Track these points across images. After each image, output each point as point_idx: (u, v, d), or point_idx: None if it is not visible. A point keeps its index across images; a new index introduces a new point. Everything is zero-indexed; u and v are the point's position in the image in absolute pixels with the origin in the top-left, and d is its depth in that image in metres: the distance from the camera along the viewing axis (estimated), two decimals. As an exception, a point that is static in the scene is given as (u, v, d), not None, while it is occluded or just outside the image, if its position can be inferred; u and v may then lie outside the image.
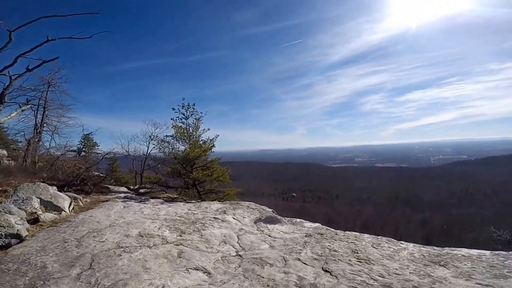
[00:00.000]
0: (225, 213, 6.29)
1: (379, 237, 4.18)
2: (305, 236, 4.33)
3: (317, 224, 5.22)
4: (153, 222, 5.33)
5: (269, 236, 4.56)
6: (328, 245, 3.67)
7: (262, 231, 4.91)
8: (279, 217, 6.10)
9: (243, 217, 6.01)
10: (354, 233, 4.47)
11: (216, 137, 10.59)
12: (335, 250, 3.45)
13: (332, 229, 4.76)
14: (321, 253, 3.43)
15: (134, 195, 9.63)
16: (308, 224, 5.30)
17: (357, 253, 3.32)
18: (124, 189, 11.73)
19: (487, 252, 3.11)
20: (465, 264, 2.79)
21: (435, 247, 3.44)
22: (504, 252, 3.07)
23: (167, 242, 4.20)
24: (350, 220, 49.73)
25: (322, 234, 4.34)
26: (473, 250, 3.20)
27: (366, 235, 4.35)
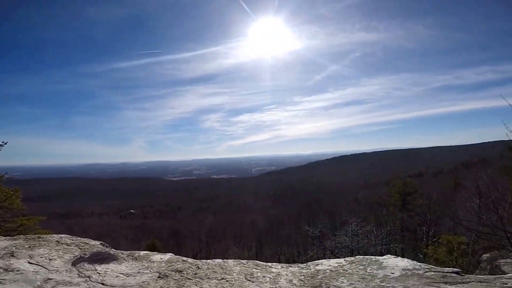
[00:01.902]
0: (12, 255, 3.74)
1: (244, 261, 3.67)
2: (159, 277, 3.11)
3: (169, 256, 4.03)
4: None
5: (102, 284, 2.90)
6: (195, 291, 2.72)
7: (89, 277, 3.09)
8: (113, 251, 4.28)
9: (50, 259, 3.74)
10: (216, 261, 3.73)
11: (3, 145, 7.04)
12: (207, 298, 2.56)
13: (190, 260, 3.79)
14: (190, 307, 2.41)
15: None
16: (157, 257, 3.96)
17: (235, 295, 2.59)
18: None
19: (342, 260, 3.22)
20: (343, 282, 2.69)
21: (300, 265, 3.29)
22: (352, 258, 3.28)
23: None
24: (196, 230, 51.50)
25: (181, 271, 3.29)
26: (332, 261, 3.25)
27: (229, 261, 3.72)
